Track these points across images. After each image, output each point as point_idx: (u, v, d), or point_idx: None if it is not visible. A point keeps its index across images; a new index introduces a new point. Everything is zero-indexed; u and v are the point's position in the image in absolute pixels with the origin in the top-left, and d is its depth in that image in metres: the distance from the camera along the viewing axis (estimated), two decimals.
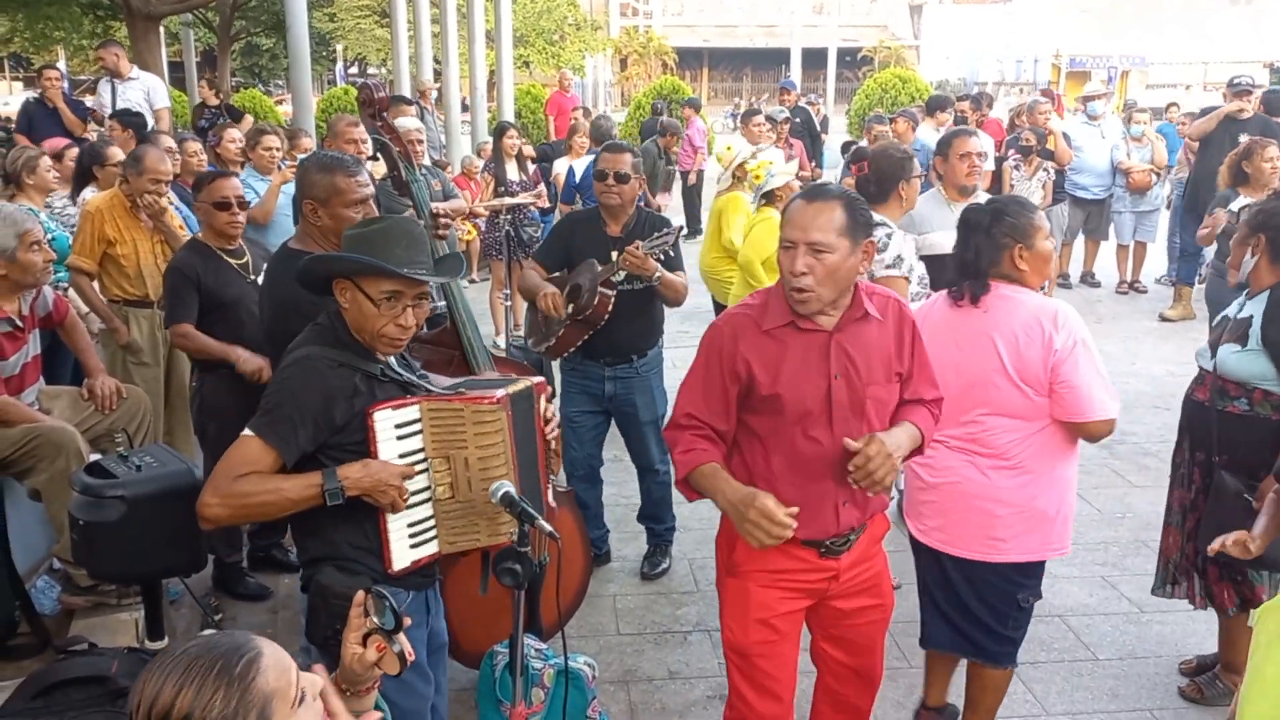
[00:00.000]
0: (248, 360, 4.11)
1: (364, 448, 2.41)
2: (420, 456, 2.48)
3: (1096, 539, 5.12)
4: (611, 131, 8.16)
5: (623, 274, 4.29)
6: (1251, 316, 3.54)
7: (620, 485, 5.35)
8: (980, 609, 3.22)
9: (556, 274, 4.49)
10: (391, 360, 2.54)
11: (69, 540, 3.46)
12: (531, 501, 2.56)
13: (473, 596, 2.90)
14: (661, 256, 4.27)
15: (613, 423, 4.81)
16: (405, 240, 2.49)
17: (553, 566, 2.63)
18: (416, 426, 2.46)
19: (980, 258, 3.12)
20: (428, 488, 2.50)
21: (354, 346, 2.47)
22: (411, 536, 2.50)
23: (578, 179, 8.10)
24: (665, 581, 4.76)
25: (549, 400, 2.79)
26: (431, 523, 2.53)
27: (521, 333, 8.63)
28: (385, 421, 2.41)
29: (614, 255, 4.29)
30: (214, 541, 4.39)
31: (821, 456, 2.65)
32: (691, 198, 13.45)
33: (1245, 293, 3.69)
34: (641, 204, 4.86)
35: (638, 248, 4.17)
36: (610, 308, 4.32)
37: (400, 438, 2.44)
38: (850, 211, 2.59)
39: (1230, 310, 3.72)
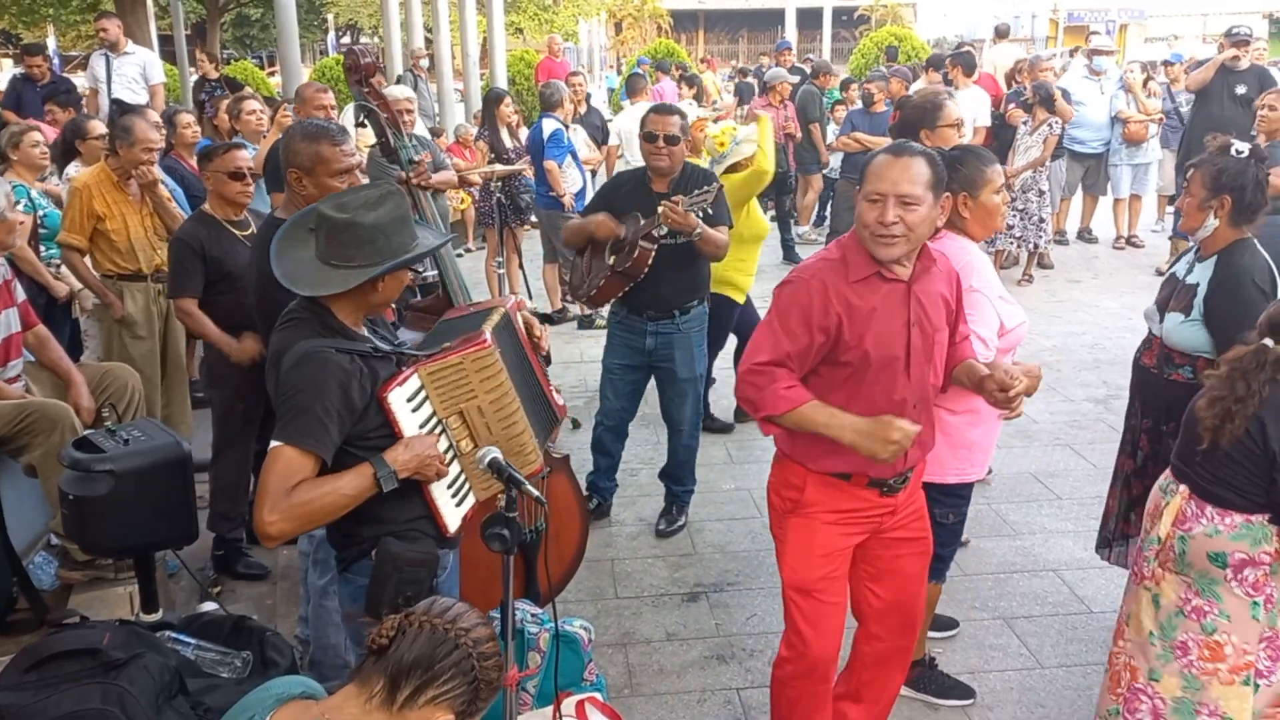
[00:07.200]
0: (240, 350, 4.15)
1: (387, 430, 2.42)
2: (435, 421, 2.51)
3: (1091, 494, 5.12)
4: (554, 98, 8.02)
5: (664, 228, 4.32)
6: (1198, 285, 3.43)
7: (626, 450, 5.32)
8: None
9: None
10: (365, 332, 2.54)
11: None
12: (541, 418, 2.70)
13: (469, 561, 2.91)
14: (702, 213, 4.30)
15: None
16: (405, 217, 2.50)
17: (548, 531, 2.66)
18: (422, 394, 2.48)
19: None
20: (450, 446, 2.53)
21: (342, 330, 2.47)
22: (454, 497, 2.56)
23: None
24: (663, 544, 4.77)
25: (527, 313, 2.91)
26: (463, 477, 2.58)
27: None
28: (398, 399, 2.43)
29: (659, 210, 4.33)
30: (214, 519, 4.41)
31: (897, 402, 2.77)
32: None
33: (1194, 253, 3.56)
34: None
35: (678, 203, 4.21)
36: (650, 261, 4.39)
37: (414, 410, 2.46)
38: (933, 166, 2.68)
39: (1179, 269, 3.61)
